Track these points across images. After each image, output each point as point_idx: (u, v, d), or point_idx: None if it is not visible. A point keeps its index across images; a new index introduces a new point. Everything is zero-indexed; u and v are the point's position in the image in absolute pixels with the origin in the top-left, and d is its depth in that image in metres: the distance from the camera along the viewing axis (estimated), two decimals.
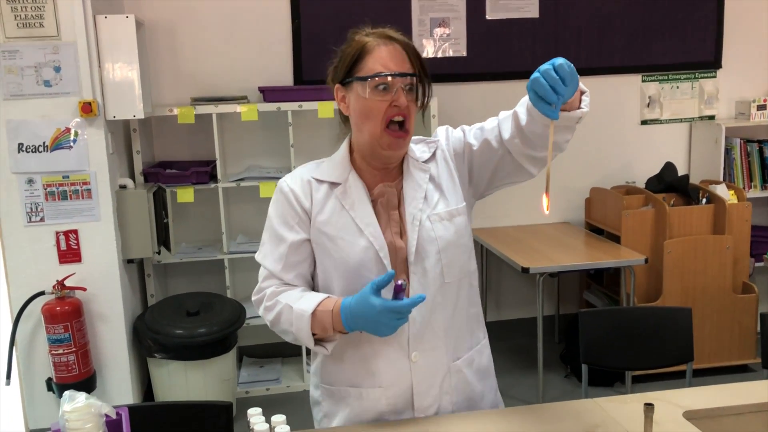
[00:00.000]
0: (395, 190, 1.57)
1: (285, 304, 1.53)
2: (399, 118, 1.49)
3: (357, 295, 1.45)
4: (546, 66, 1.33)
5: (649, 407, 1.23)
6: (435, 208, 1.57)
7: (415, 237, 1.53)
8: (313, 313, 1.48)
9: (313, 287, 1.61)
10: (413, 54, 1.51)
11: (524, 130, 1.52)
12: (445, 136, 1.65)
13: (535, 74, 1.34)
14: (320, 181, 1.59)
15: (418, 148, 1.63)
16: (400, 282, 1.41)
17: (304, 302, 1.50)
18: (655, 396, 1.63)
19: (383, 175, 1.59)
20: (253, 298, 1.62)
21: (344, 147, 1.62)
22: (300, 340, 1.53)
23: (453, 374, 1.60)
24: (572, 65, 1.34)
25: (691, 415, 1.54)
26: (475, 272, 1.65)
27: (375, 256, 1.51)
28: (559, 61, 1.33)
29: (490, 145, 1.58)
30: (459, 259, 1.59)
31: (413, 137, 1.63)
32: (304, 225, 1.57)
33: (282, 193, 1.59)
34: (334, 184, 1.58)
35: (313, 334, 1.50)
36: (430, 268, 1.54)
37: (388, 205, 1.57)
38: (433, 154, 1.62)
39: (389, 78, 1.47)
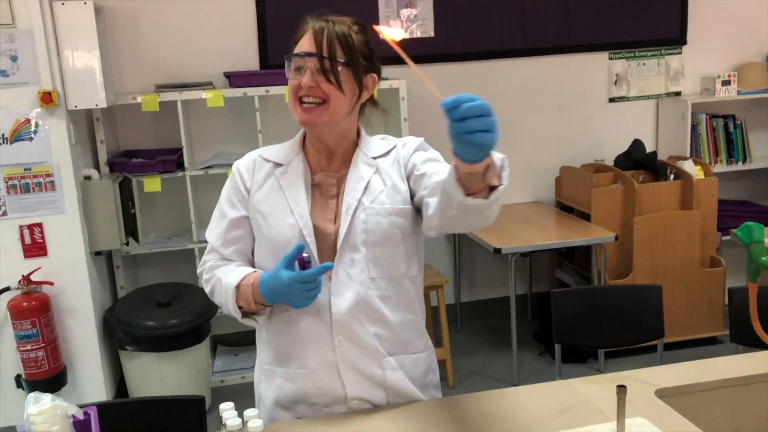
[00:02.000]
0: (335, 180, 1.59)
1: (217, 277, 1.59)
2: (308, 99, 1.50)
3: (271, 269, 1.49)
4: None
5: (621, 389, 1.24)
6: (373, 202, 1.56)
7: (345, 225, 1.54)
8: (237, 287, 1.52)
9: (253, 264, 1.64)
10: (330, 36, 1.50)
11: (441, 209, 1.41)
12: (413, 147, 1.62)
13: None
14: (266, 161, 1.63)
15: (374, 144, 1.65)
16: (303, 255, 1.46)
17: (231, 276, 1.55)
18: (627, 375, 1.64)
19: (329, 161, 1.61)
20: (197, 270, 1.69)
21: (301, 130, 1.65)
22: (230, 313, 1.57)
23: (387, 370, 1.57)
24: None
25: (662, 393, 1.56)
26: (416, 279, 1.62)
27: (299, 235, 1.53)
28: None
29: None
30: (390, 259, 1.57)
31: (378, 135, 1.66)
32: (245, 203, 1.62)
33: (232, 173, 1.66)
34: (277, 165, 1.62)
35: (241, 308, 1.55)
36: (358, 259, 1.54)
37: (326, 194, 1.59)
38: (388, 153, 1.63)
39: (295, 58, 1.51)
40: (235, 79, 3.67)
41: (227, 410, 1.38)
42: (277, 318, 1.59)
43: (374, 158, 1.61)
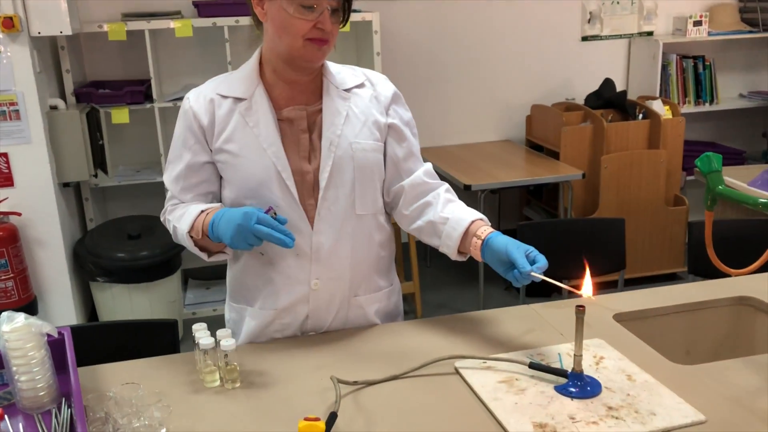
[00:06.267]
0: (305, 113, 1.52)
1: (172, 224, 1.56)
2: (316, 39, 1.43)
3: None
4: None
5: (580, 308, 1.29)
6: (358, 136, 1.53)
7: (329, 162, 1.50)
8: (192, 229, 1.49)
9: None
10: None
11: (419, 232, 1.62)
12: (390, 96, 1.60)
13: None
14: (224, 97, 1.52)
15: (341, 74, 1.58)
16: (272, 207, 1.43)
17: (183, 222, 1.51)
18: (587, 301, 1.70)
19: (294, 92, 1.53)
20: (161, 218, 1.64)
21: (254, 59, 1.55)
22: (200, 256, 1.56)
23: (352, 308, 1.60)
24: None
25: (620, 317, 1.63)
26: (383, 211, 1.63)
27: (277, 177, 1.48)
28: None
29: (388, 169, 1.60)
30: (373, 194, 1.57)
31: (341, 65, 1.61)
32: (201, 145, 1.53)
33: (183, 111, 1.55)
34: (238, 100, 1.51)
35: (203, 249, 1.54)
36: (342, 196, 1.52)
37: (297, 129, 1.52)
38: (359, 86, 1.58)
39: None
40: (204, 8, 3.59)
41: (200, 330, 1.41)
42: (250, 258, 1.56)
43: (346, 90, 1.56)
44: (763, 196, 2.31)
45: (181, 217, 1.53)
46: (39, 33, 3.05)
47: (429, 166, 1.65)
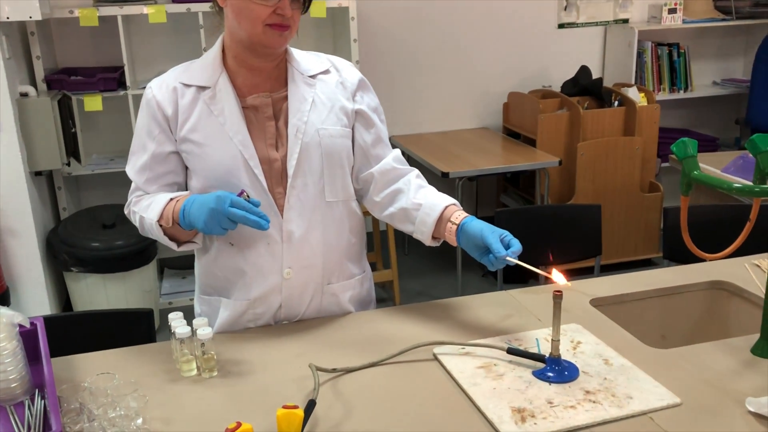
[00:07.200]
0: (270, 100, 1.51)
1: (139, 215, 1.52)
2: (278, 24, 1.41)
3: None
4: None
5: (557, 294, 1.30)
6: (324, 122, 1.52)
7: (297, 150, 1.49)
8: (162, 218, 1.46)
9: None
10: None
11: (392, 218, 1.61)
12: (356, 82, 1.59)
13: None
14: (187, 86, 1.50)
15: (305, 60, 1.57)
16: (244, 191, 1.41)
17: (151, 211, 1.48)
18: (564, 286, 1.71)
19: (258, 80, 1.51)
20: (125, 211, 1.61)
21: (217, 46, 1.53)
22: (169, 246, 1.52)
23: (326, 296, 1.59)
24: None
25: (597, 302, 1.64)
26: (353, 197, 1.62)
27: (245, 165, 1.47)
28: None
29: (357, 156, 1.60)
30: (343, 180, 1.56)
31: (305, 51, 1.60)
32: (166, 135, 1.51)
33: (146, 100, 1.52)
34: (202, 88, 1.50)
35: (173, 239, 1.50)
36: (311, 183, 1.51)
37: (262, 116, 1.50)
38: (324, 72, 1.56)
39: None
40: None
41: (176, 319, 1.40)
42: (220, 249, 1.55)
43: (311, 77, 1.55)
44: (737, 181, 2.33)
45: (149, 207, 1.50)
46: (8, 18, 2.99)
47: (397, 152, 1.65)
